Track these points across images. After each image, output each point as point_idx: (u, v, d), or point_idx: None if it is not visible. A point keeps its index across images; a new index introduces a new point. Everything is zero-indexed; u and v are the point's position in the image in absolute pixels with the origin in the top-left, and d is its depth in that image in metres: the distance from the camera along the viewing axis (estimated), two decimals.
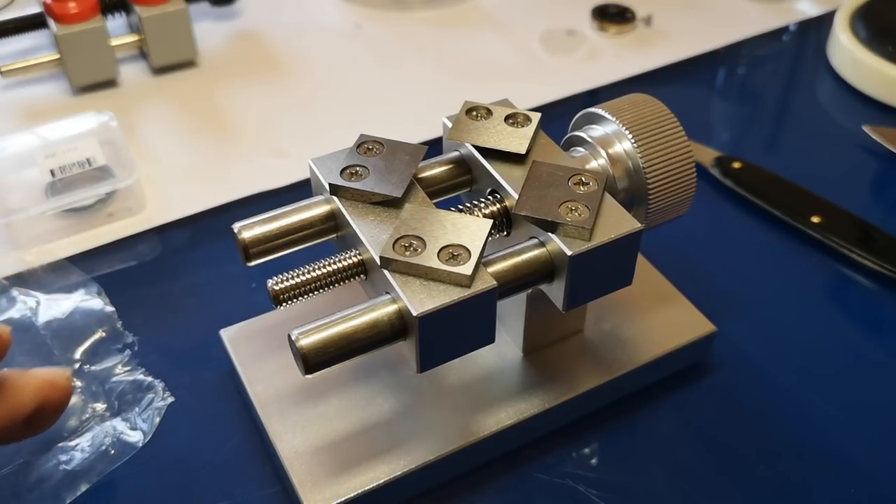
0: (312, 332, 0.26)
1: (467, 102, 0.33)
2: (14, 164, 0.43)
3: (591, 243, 0.28)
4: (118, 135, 0.44)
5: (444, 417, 0.32)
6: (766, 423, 0.34)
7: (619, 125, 0.32)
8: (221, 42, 0.56)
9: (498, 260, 0.28)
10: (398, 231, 0.28)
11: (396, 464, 0.30)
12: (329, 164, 0.30)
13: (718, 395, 0.35)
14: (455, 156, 0.32)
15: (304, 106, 0.50)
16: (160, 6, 0.50)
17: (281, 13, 0.59)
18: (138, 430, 0.33)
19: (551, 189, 0.29)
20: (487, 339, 0.28)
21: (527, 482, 0.32)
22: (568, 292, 0.29)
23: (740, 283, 0.40)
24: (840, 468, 0.33)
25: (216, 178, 0.45)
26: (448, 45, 0.56)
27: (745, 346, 0.37)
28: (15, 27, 0.51)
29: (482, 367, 0.33)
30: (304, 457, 0.30)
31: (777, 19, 0.58)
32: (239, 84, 0.52)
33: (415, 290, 0.26)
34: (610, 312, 0.35)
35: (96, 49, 0.49)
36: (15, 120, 0.49)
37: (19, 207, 0.41)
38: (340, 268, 0.29)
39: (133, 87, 0.52)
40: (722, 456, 0.33)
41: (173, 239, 0.42)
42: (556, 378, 0.33)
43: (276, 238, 0.30)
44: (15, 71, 0.50)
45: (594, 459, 0.33)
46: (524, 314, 0.32)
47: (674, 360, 0.34)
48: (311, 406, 0.32)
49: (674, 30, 0.57)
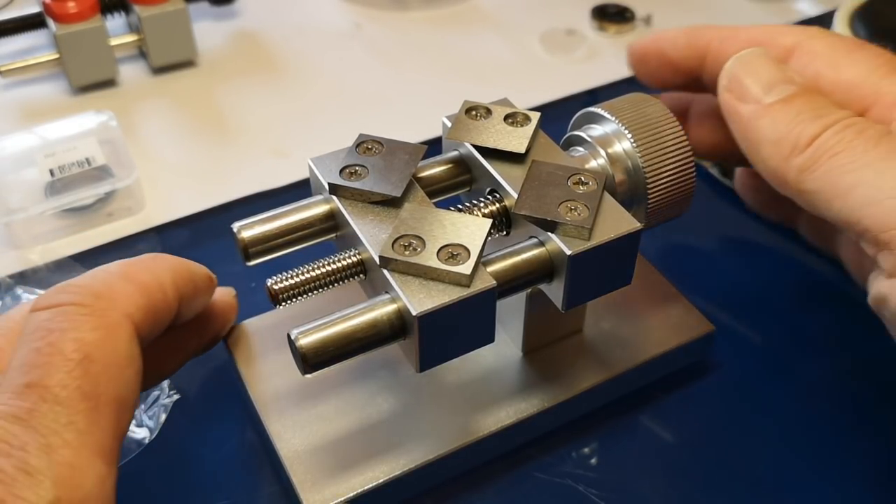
0: (312, 332, 0.26)
1: (467, 102, 0.33)
2: (13, 163, 0.43)
3: (590, 243, 0.28)
4: (118, 134, 0.44)
5: (443, 417, 0.32)
6: (765, 423, 0.34)
7: (619, 124, 0.32)
8: (221, 42, 0.56)
9: (497, 259, 0.28)
10: (397, 230, 0.28)
11: (396, 463, 0.30)
12: (328, 164, 0.30)
13: (718, 395, 0.35)
14: (454, 155, 0.32)
15: (303, 105, 0.50)
16: (160, 6, 0.50)
17: (281, 13, 0.59)
18: (144, 426, 0.33)
19: (551, 188, 0.29)
20: (487, 338, 0.28)
21: (526, 482, 0.32)
22: (567, 292, 0.29)
23: (740, 282, 0.40)
24: (840, 468, 0.33)
25: (216, 177, 0.45)
26: (448, 45, 0.56)
27: (745, 346, 0.37)
28: (14, 27, 0.51)
29: (481, 367, 0.33)
30: (304, 456, 0.30)
31: (777, 19, 0.58)
32: (239, 84, 0.52)
33: (414, 290, 0.26)
34: (609, 312, 0.35)
35: (96, 49, 0.49)
36: (14, 120, 0.49)
37: (18, 207, 0.41)
38: (340, 267, 0.29)
39: (133, 87, 0.52)
40: (722, 456, 0.33)
41: (173, 239, 0.42)
42: (555, 378, 0.33)
43: (275, 238, 0.30)
44: (14, 71, 0.50)
45: (594, 459, 0.33)
46: (523, 314, 0.32)
47: (673, 359, 0.34)
48: (310, 406, 0.32)
49: None
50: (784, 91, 0.29)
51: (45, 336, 0.23)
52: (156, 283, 0.27)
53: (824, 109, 0.29)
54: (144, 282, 0.26)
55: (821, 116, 0.28)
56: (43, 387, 0.22)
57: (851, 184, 0.27)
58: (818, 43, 0.32)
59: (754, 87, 0.30)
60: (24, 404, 0.22)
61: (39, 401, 0.22)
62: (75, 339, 0.23)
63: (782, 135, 0.29)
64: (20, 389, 0.22)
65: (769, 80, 0.30)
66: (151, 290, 0.26)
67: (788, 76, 0.30)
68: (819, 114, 0.28)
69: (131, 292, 0.26)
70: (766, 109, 0.29)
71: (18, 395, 0.22)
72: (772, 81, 0.30)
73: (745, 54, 0.31)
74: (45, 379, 0.22)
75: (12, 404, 0.22)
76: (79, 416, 0.22)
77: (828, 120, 0.28)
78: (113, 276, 0.26)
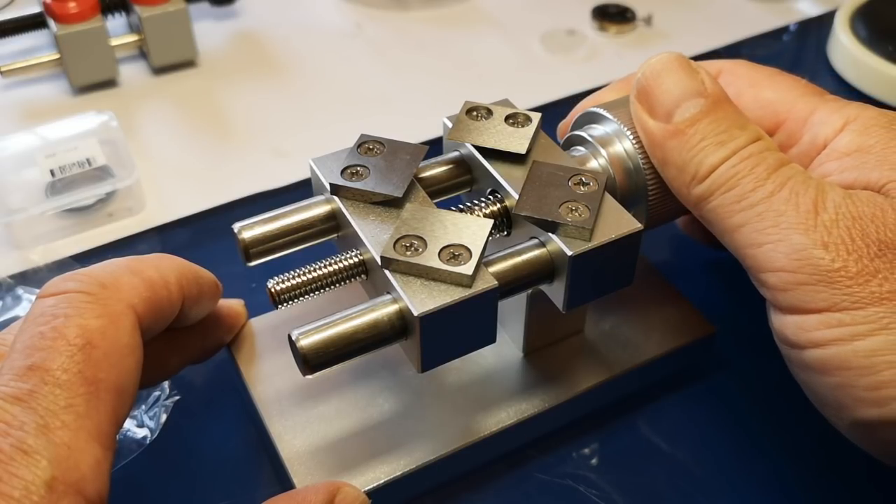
0: (313, 333, 0.26)
1: (467, 102, 0.33)
2: (14, 164, 0.43)
3: (591, 243, 0.28)
4: (118, 135, 0.44)
5: (444, 417, 0.32)
6: (766, 423, 0.34)
7: (619, 124, 0.32)
8: (221, 42, 0.56)
9: (498, 260, 0.28)
10: (399, 231, 0.28)
11: (396, 464, 0.30)
12: (329, 164, 0.30)
13: (718, 395, 0.35)
14: (455, 156, 0.32)
15: (304, 105, 0.50)
16: (160, 6, 0.50)
17: (281, 13, 0.59)
18: (145, 426, 0.33)
19: (551, 189, 0.29)
20: (488, 338, 0.28)
21: (527, 482, 0.32)
22: (568, 292, 0.29)
23: (740, 283, 0.40)
24: (841, 468, 0.33)
25: (216, 178, 0.45)
26: (448, 45, 0.56)
27: (745, 346, 0.37)
28: (15, 27, 0.51)
29: (482, 368, 0.33)
30: (305, 457, 0.30)
31: (777, 19, 0.58)
32: (239, 84, 0.52)
33: (416, 290, 0.26)
34: (610, 312, 0.35)
35: (96, 49, 0.49)
36: (15, 120, 0.49)
37: (19, 207, 0.41)
38: (341, 268, 0.29)
39: (133, 87, 0.52)
40: (722, 456, 0.33)
41: (173, 239, 0.42)
42: (556, 378, 0.33)
43: (276, 238, 0.30)
44: (15, 71, 0.50)
45: (594, 459, 0.33)
46: (524, 314, 0.32)
47: (674, 360, 0.34)
48: (311, 406, 0.32)
49: (674, 30, 0.57)
50: (692, 107, 0.29)
51: (50, 321, 0.24)
52: (160, 278, 0.27)
53: (727, 134, 0.28)
54: (149, 276, 0.27)
55: (722, 143, 0.28)
56: (44, 369, 0.22)
57: (738, 223, 0.27)
58: (742, 68, 0.33)
59: (664, 101, 0.30)
60: (24, 386, 0.22)
61: (40, 383, 0.22)
62: (79, 325, 0.24)
63: (685, 161, 0.29)
64: (22, 371, 0.22)
65: (679, 94, 0.29)
66: (156, 284, 0.27)
67: (698, 85, 0.29)
68: (721, 140, 0.28)
69: (136, 284, 0.26)
70: (672, 131, 0.29)
71: (20, 376, 0.22)
72: (681, 95, 0.29)
73: (656, 60, 0.31)
74: (46, 362, 0.23)
75: (13, 385, 0.22)
76: (78, 400, 0.22)
77: (728, 150, 0.28)
78: (119, 268, 0.26)
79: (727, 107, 0.29)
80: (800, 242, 0.26)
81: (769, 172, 0.28)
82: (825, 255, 0.26)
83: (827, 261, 0.26)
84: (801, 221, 0.26)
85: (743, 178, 0.28)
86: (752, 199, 0.27)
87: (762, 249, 0.27)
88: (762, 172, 0.28)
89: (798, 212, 0.26)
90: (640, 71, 0.31)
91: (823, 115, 0.30)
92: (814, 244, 0.26)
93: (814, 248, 0.26)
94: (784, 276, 0.26)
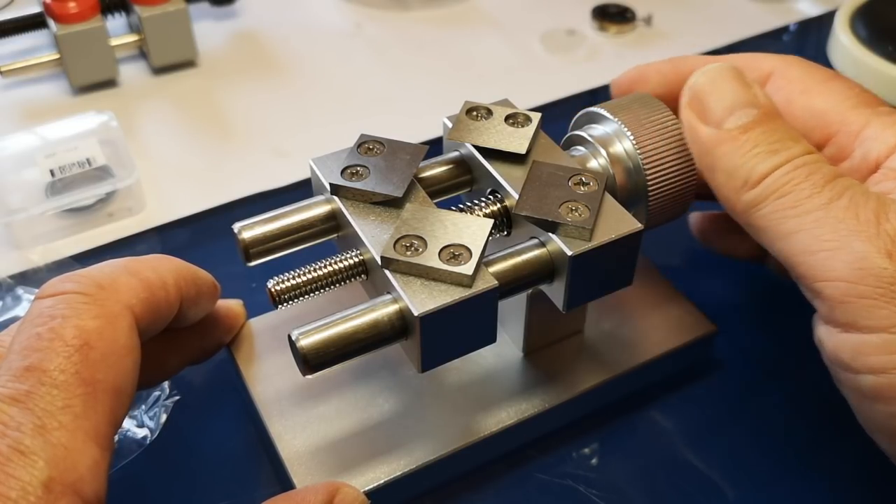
0: (313, 333, 0.26)
1: (467, 102, 0.33)
2: (14, 164, 0.43)
3: (591, 243, 0.28)
4: (118, 135, 0.44)
5: (444, 418, 0.32)
6: (766, 423, 0.34)
7: (620, 124, 0.32)
8: (221, 42, 0.56)
9: (498, 260, 0.28)
10: (399, 231, 0.28)
11: (396, 464, 0.30)
12: (329, 164, 0.30)
13: (718, 395, 0.35)
14: (455, 156, 0.32)
15: (304, 105, 0.50)
16: (160, 6, 0.50)
17: (281, 13, 0.59)
18: (145, 427, 0.33)
19: (551, 189, 0.29)
20: (488, 338, 0.28)
21: (527, 482, 0.32)
22: (568, 292, 0.29)
23: (741, 282, 0.40)
24: (841, 468, 0.33)
25: (216, 178, 0.45)
26: (448, 45, 0.56)
27: (746, 346, 0.37)
28: (15, 27, 0.51)
29: (482, 368, 0.33)
30: (305, 457, 0.30)
31: (777, 19, 0.58)
32: (239, 84, 0.52)
33: (416, 290, 0.26)
34: (610, 312, 0.35)
35: (96, 49, 0.49)
36: (14, 120, 0.49)
37: (19, 207, 0.41)
38: (341, 268, 0.29)
39: (133, 87, 0.52)
40: (722, 456, 0.33)
41: (173, 239, 0.42)
42: (556, 378, 0.33)
43: (276, 238, 0.30)
44: (15, 71, 0.50)
45: (594, 459, 0.33)
46: (524, 314, 0.32)
47: (674, 359, 0.34)
48: (311, 406, 0.32)
49: (674, 30, 0.57)
50: (745, 116, 0.29)
51: (47, 322, 0.24)
52: (158, 279, 0.27)
53: (780, 143, 0.28)
54: (147, 277, 0.27)
55: (776, 152, 0.28)
56: (42, 370, 0.22)
57: (792, 228, 0.26)
58: (794, 70, 0.32)
59: (716, 108, 0.29)
60: (21, 386, 0.22)
61: (37, 384, 0.22)
62: (76, 326, 0.24)
63: (737, 166, 0.28)
64: (19, 372, 0.22)
65: (732, 102, 0.29)
66: (153, 285, 0.27)
67: (752, 97, 0.29)
68: (774, 148, 0.28)
69: (134, 285, 0.26)
70: (724, 137, 0.29)
71: (17, 377, 0.22)
72: (734, 103, 0.29)
73: (710, 69, 0.30)
74: (44, 363, 0.23)
75: (10, 386, 0.22)
76: (76, 401, 0.22)
77: (781, 157, 0.28)
78: (117, 269, 0.26)
79: (780, 120, 0.29)
80: (862, 250, 0.25)
81: (826, 181, 0.26)
82: (889, 265, 0.24)
83: (891, 271, 0.24)
84: (862, 229, 0.25)
85: (798, 184, 0.27)
86: (808, 206, 0.26)
87: (818, 256, 0.26)
88: (819, 180, 0.27)
89: (859, 220, 0.25)
90: (693, 78, 0.31)
91: (876, 129, 0.29)
92: (877, 252, 0.24)
93: (877, 257, 0.24)
94: (842, 286, 0.25)
